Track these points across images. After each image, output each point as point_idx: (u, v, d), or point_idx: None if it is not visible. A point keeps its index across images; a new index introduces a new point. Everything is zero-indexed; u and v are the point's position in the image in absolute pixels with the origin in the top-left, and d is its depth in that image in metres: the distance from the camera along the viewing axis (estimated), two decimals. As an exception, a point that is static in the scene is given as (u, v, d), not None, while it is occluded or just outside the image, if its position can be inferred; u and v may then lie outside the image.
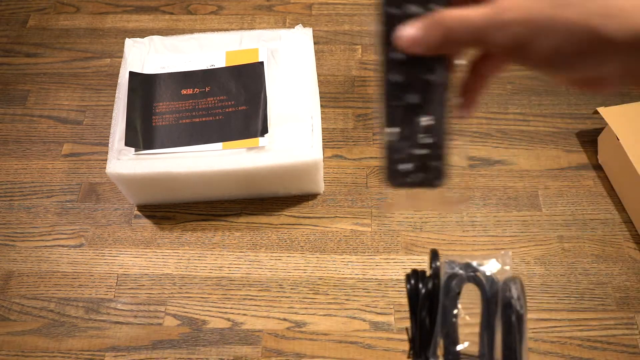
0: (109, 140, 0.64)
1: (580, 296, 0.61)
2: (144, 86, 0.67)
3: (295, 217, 0.68)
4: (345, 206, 0.68)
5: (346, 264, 0.64)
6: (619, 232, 0.66)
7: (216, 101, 0.66)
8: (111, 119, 0.65)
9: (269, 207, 0.69)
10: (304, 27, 0.72)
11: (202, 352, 0.59)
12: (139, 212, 0.69)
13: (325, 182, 0.70)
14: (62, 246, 0.66)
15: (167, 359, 0.59)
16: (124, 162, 0.62)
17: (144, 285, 0.63)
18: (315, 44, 0.78)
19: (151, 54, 0.70)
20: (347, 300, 0.62)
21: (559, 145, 0.73)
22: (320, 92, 0.67)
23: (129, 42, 0.71)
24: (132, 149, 0.63)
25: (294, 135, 0.63)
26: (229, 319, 0.61)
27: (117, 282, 0.64)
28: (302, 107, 0.65)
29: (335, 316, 0.61)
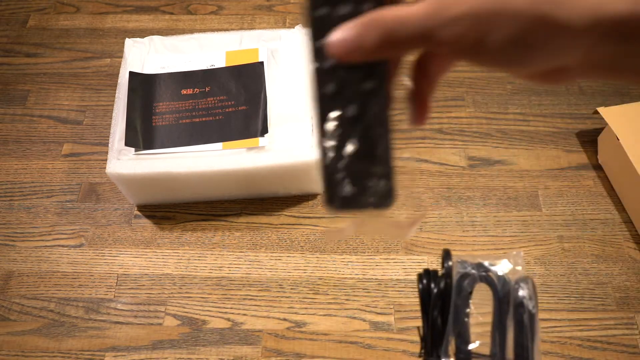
0: (109, 140, 0.64)
1: (580, 296, 0.61)
2: (144, 86, 0.67)
3: (295, 217, 0.68)
4: (345, 206, 0.68)
5: (346, 264, 0.64)
6: (619, 232, 0.66)
7: (216, 101, 0.66)
8: (111, 119, 0.65)
9: (269, 207, 0.69)
10: (305, 27, 0.72)
11: (202, 352, 0.59)
12: (139, 212, 0.69)
13: (325, 182, 0.70)
14: (62, 246, 0.66)
15: (167, 359, 0.59)
16: (124, 162, 0.62)
17: (144, 285, 0.63)
18: None
19: (151, 54, 0.70)
20: (347, 300, 0.62)
21: (559, 145, 0.73)
22: (320, 92, 0.67)
23: (129, 42, 0.71)
24: (132, 149, 0.63)
25: (294, 135, 0.63)
26: (229, 319, 0.61)
27: (117, 282, 0.64)
28: (302, 107, 0.65)
29: (335, 316, 0.61)
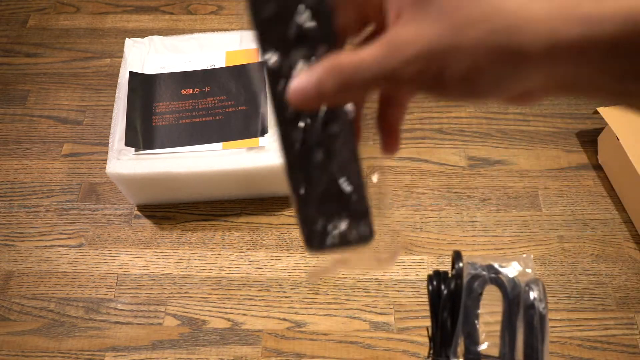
0: (109, 140, 0.64)
1: (580, 296, 0.61)
2: (144, 86, 0.67)
3: (295, 217, 0.68)
4: (345, 206, 0.68)
5: (346, 264, 0.64)
6: (619, 232, 0.66)
7: (216, 101, 0.66)
8: (111, 119, 0.65)
9: (269, 207, 0.69)
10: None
11: (202, 352, 0.59)
12: (139, 212, 0.69)
13: (325, 182, 0.70)
14: (62, 246, 0.66)
15: (167, 359, 0.59)
16: (124, 162, 0.62)
17: (144, 285, 0.63)
18: None
19: (151, 54, 0.70)
20: (347, 300, 0.62)
21: (559, 145, 0.73)
22: (320, 92, 0.67)
23: (129, 42, 0.71)
24: (132, 149, 0.63)
25: (294, 135, 0.63)
26: (229, 319, 0.61)
27: (117, 282, 0.64)
28: (302, 107, 0.65)
29: (335, 316, 0.61)
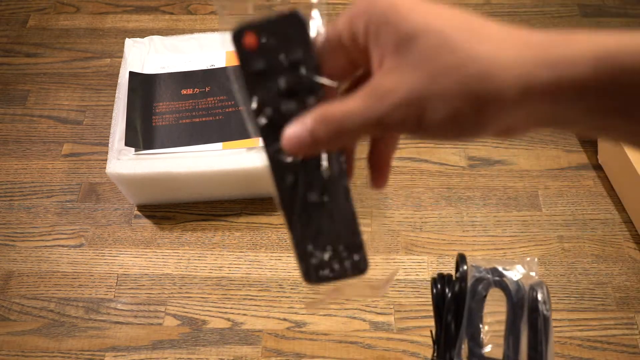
0: (109, 140, 0.64)
1: (580, 296, 0.61)
2: (144, 86, 0.67)
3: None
4: (345, 206, 0.68)
5: (346, 264, 0.64)
6: (619, 232, 0.66)
7: (216, 101, 0.66)
8: (111, 119, 0.65)
9: (269, 207, 0.69)
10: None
11: (202, 352, 0.59)
12: (139, 212, 0.69)
13: (325, 182, 0.70)
14: (62, 246, 0.66)
15: (167, 359, 0.59)
16: (124, 162, 0.62)
17: (144, 285, 0.63)
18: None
19: (151, 54, 0.70)
20: (347, 300, 0.62)
21: (559, 145, 0.73)
22: (320, 92, 0.67)
23: (129, 42, 0.71)
24: (132, 149, 0.63)
25: (294, 135, 0.63)
26: (229, 319, 0.61)
27: (117, 282, 0.64)
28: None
29: (335, 316, 0.61)
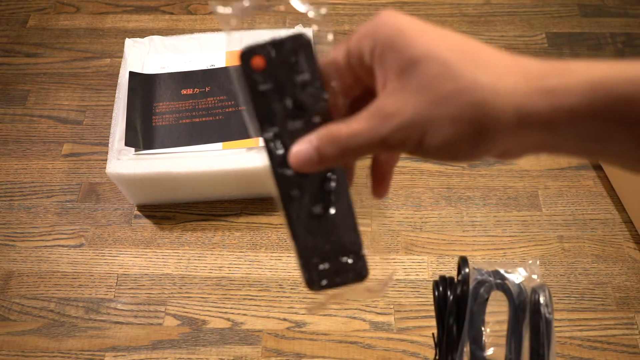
0: (109, 140, 0.64)
1: (580, 296, 0.61)
2: (144, 86, 0.67)
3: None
4: (345, 206, 0.68)
5: (346, 264, 0.64)
6: (619, 232, 0.66)
7: (216, 101, 0.66)
8: (111, 119, 0.65)
9: (269, 207, 0.69)
10: (304, 27, 0.72)
11: (202, 352, 0.59)
12: (139, 212, 0.69)
13: (325, 182, 0.70)
14: (62, 246, 0.66)
15: (167, 359, 0.59)
16: (124, 162, 0.62)
17: (144, 285, 0.63)
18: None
19: (151, 54, 0.70)
20: (347, 300, 0.62)
21: (559, 145, 0.73)
22: (320, 92, 0.67)
23: (129, 42, 0.71)
24: (132, 149, 0.63)
25: (294, 135, 0.63)
26: (229, 319, 0.61)
27: (117, 282, 0.64)
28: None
29: (335, 316, 0.61)
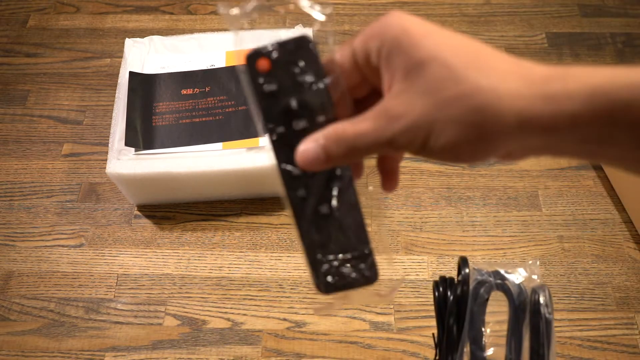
0: (109, 140, 0.64)
1: (580, 296, 0.61)
2: (144, 86, 0.67)
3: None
4: (345, 206, 0.68)
5: (346, 264, 0.64)
6: (619, 232, 0.66)
7: (216, 101, 0.66)
8: (111, 119, 0.65)
9: (269, 207, 0.69)
10: (304, 27, 0.72)
11: (202, 352, 0.59)
12: (139, 212, 0.69)
13: (325, 182, 0.70)
14: (62, 246, 0.66)
15: (167, 359, 0.59)
16: (124, 162, 0.62)
17: (144, 285, 0.63)
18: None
19: (151, 54, 0.70)
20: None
21: (559, 145, 0.73)
22: (320, 92, 0.67)
23: (129, 42, 0.71)
24: (132, 149, 0.63)
25: (294, 135, 0.63)
26: (229, 319, 0.61)
27: (117, 282, 0.64)
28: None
29: (335, 316, 0.61)
